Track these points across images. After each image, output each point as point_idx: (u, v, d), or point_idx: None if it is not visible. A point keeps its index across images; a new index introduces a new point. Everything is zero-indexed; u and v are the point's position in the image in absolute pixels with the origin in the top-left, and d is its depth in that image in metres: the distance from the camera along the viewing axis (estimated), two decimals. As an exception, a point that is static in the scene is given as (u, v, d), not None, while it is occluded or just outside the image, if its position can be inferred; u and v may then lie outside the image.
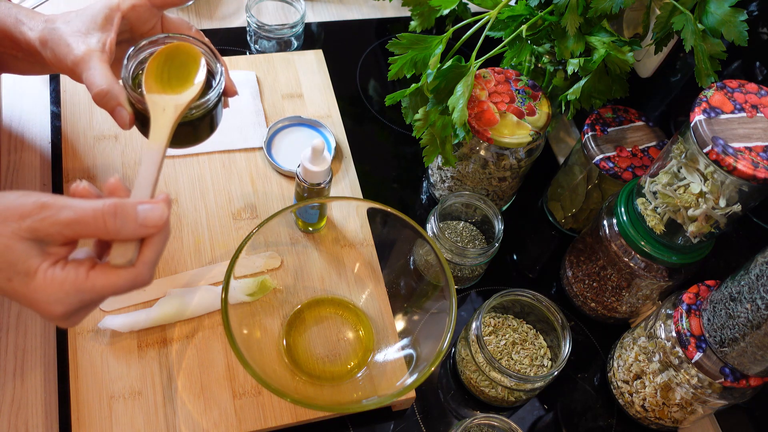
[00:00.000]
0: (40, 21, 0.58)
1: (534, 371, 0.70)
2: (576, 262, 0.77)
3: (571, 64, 0.68)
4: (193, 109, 0.55)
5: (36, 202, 0.43)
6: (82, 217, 0.43)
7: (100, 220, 0.43)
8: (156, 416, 0.62)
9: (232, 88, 0.60)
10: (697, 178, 0.58)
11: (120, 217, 0.43)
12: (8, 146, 0.78)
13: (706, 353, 0.59)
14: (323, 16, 1.03)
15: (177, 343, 0.66)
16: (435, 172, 0.83)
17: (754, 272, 0.54)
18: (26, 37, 0.58)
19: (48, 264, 0.43)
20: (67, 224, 0.43)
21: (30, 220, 0.42)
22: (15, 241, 0.42)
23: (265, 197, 0.77)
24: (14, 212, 0.42)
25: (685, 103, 0.76)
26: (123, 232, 0.44)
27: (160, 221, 0.45)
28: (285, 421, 0.63)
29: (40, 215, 0.42)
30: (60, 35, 0.56)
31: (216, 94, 0.56)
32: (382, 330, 0.70)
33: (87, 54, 0.55)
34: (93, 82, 0.54)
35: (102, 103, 0.54)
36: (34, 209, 0.42)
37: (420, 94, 0.73)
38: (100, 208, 0.43)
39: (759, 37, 0.66)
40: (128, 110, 0.54)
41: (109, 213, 0.43)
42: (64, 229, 0.43)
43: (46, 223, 0.42)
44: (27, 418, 0.62)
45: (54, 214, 0.42)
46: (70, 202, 0.43)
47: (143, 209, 0.44)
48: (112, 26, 0.56)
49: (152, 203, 0.45)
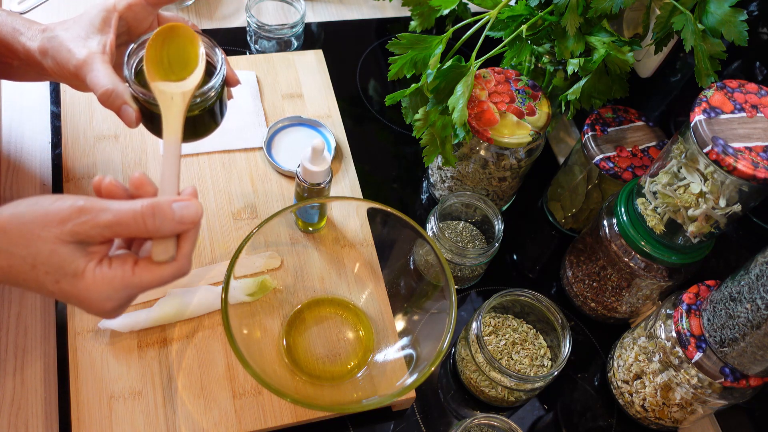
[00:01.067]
0: (37, 31, 0.59)
1: (534, 371, 0.70)
2: (576, 262, 0.77)
3: (571, 64, 0.68)
4: (197, 97, 0.54)
5: (73, 206, 0.44)
6: (122, 218, 0.44)
7: (140, 220, 0.45)
8: (156, 416, 0.62)
9: (234, 76, 0.61)
10: (697, 178, 0.58)
11: (159, 217, 0.45)
12: (8, 146, 0.78)
13: (706, 353, 0.59)
14: (323, 16, 1.03)
15: (177, 343, 0.66)
16: (435, 172, 0.83)
17: (754, 272, 0.54)
18: (25, 46, 0.59)
19: (94, 263, 0.45)
20: (108, 226, 0.44)
21: (71, 224, 0.44)
22: (59, 245, 0.44)
23: (265, 197, 0.77)
24: (53, 217, 0.44)
25: (685, 103, 0.76)
26: (162, 231, 0.46)
27: (197, 217, 0.47)
28: (285, 421, 0.63)
29: (81, 219, 0.44)
30: (60, 42, 0.56)
31: (219, 80, 0.56)
32: (382, 330, 0.70)
33: (89, 57, 0.55)
34: (97, 83, 0.54)
35: (108, 103, 0.55)
36: (73, 213, 0.44)
37: (420, 94, 0.73)
38: (139, 209, 0.45)
39: (759, 37, 0.66)
40: (134, 107, 0.55)
41: (148, 214, 0.45)
42: (104, 231, 0.45)
43: (87, 226, 0.44)
44: (27, 418, 0.62)
45: (94, 217, 0.44)
46: (107, 204, 0.45)
47: (179, 207, 0.46)
48: (110, 28, 0.57)
49: (186, 200, 0.46)
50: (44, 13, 0.92)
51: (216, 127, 0.60)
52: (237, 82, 0.61)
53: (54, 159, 0.78)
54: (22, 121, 0.81)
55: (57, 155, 0.78)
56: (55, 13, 0.92)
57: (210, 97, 0.56)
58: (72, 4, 0.94)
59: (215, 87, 0.56)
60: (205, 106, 0.56)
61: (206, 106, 0.56)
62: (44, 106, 0.82)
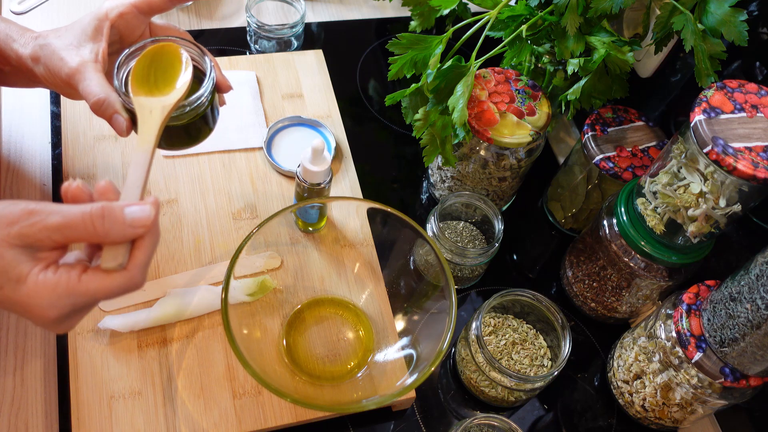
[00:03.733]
0: (30, 38, 0.59)
1: (534, 371, 0.70)
2: (576, 262, 0.77)
3: (571, 64, 0.68)
4: (186, 106, 0.55)
5: (24, 209, 0.43)
6: (70, 221, 0.43)
7: (89, 223, 0.43)
8: (156, 416, 0.62)
9: (225, 82, 0.61)
10: (697, 178, 0.58)
11: (108, 219, 0.43)
12: (8, 146, 0.78)
13: (706, 353, 0.59)
14: (323, 16, 1.03)
15: (177, 343, 0.66)
16: (435, 172, 0.83)
17: (754, 272, 0.54)
18: (17, 53, 0.59)
19: (39, 269, 0.43)
20: (56, 228, 0.43)
21: (18, 226, 0.42)
22: (4, 248, 0.42)
23: (265, 197, 0.77)
24: (3, 220, 0.43)
25: (685, 103, 0.76)
26: (112, 234, 0.44)
27: (148, 221, 0.45)
28: (285, 421, 0.63)
29: (29, 221, 0.42)
30: (53, 50, 0.56)
31: (207, 90, 0.56)
32: (382, 330, 0.70)
33: (81, 65, 0.55)
34: (90, 91, 0.54)
35: (100, 111, 0.55)
36: (22, 215, 0.43)
37: (420, 94, 0.73)
38: (88, 211, 0.43)
39: (759, 37, 0.66)
40: (125, 116, 0.55)
41: (97, 215, 0.43)
42: (53, 234, 0.43)
43: (35, 228, 0.43)
44: (27, 418, 0.62)
45: (42, 219, 0.43)
46: (58, 207, 0.43)
47: (130, 210, 0.44)
48: (102, 36, 0.57)
49: (139, 204, 0.45)
50: (44, 13, 0.92)
51: (209, 133, 0.61)
52: (229, 88, 0.61)
53: (54, 159, 0.78)
54: (22, 121, 0.81)
55: (57, 155, 0.78)
56: (55, 13, 0.92)
57: (200, 104, 0.56)
58: (72, 5, 0.94)
59: (204, 95, 0.56)
60: (196, 113, 0.57)
61: (197, 113, 0.57)
62: (44, 106, 0.82)
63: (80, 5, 0.94)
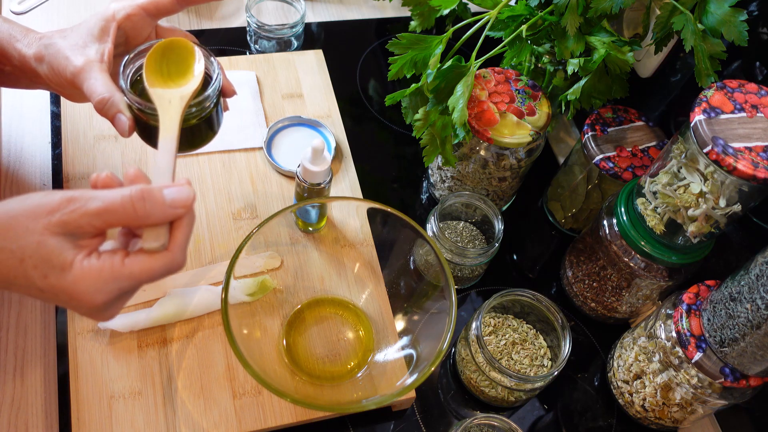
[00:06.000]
0: (34, 38, 0.59)
1: (534, 371, 0.70)
2: (576, 262, 0.77)
3: (571, 64, 0.68)
4: (193, 107, 0.55)
5: (63, 197, 0.43)
6: (111, 205, 0.43)
7: (129, 205, 0.43)
8: (156, 416, 0.62)
9: (230, 87, 0.61)
10: (697, 178, 0.58)
11: (149, 201, 0.44)
12: (8, 146, 0.78)
13: (706, 353, 0.59)
14: (323, 16, 1.03)
15: (177, 343, 0.66)
16: (435, 172, 0.83)
17: (754, 272, 0.54)
18: (21, 53, 0.59)
19: (83, 255, 0.44)
20: (97, 214, 0.43)
21: (59, 214, 0.43)
22: (47, 236, 0.43)
23: (265, 197, 0.77)
24: (43, 209, 0.43)
25: (685, 103, 0.76)
26: (153, 216, 0.44)
27: (188, 200, 0.45)
28: (285, 421, 0.63)
29: (69, 207, 0.43)
30: (58, 49, 0.57)
31: (214, 90, 0.56)
32: (382, 330, 0.70)
33: (86, 64, 0.55)
34: (94, 90, 0.54)
35: (103, 111, 0.55)
36: (62, 203, 0.43)
37: (420, 94, 0.73)
38: (128, 194, 0.44)
39: (759, 37, 0.66)
40: (128, 116, 0.55)
41: (138, 198, 0.44)
42: (94, 220, 0.43)
43: (76, 214, 0.43)
44: (27, 418, 0.62)
45: (83, 205, 0.43)
46: (97, 193, 0.44)
47: (169, 192, 0.45)
48: (108, 37, 0.57)
49: (176, 186, 0.46)
50: (44, 13, 0.92)
51: (213, 137, 0.61)
52: (233, 92, 0.61)
53: (54, 159, 0.78)
54: (22, 121, 0.81)
55: (57, 155, 0.78)
56: (55, 13, 0.92)
57: (206, 107, 0.57)
58: (72, 5, 0.94)
59: (211, 96, 0.56)
60: (201, 115, 0.57)
61: (202, 115, 0.57)
62: (44, 106, 0.82)
63: (80, 5, 0.94)
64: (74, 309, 0.46)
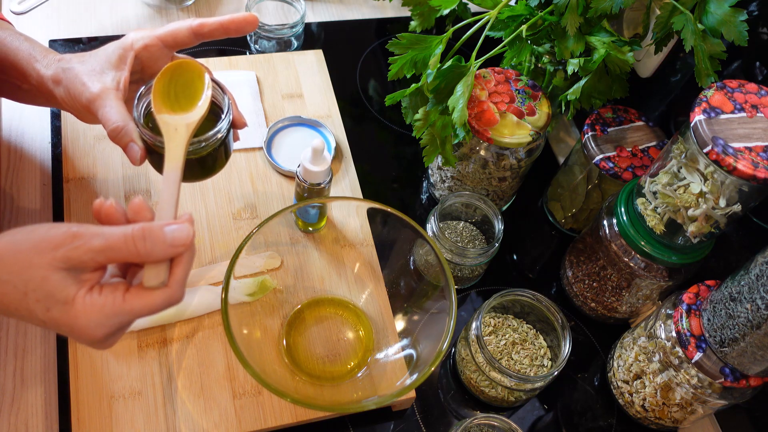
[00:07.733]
0: (53, 60, 0.60)
1: (534, 371, 0.70)
2: (576, 262, 0.77)
3: (571, 64, 0.68)
4: (203, 142, 0.56)
5: (67, 232, 0.44)
6: (113, 243, 0.44)
7: (131, 244, 0.45)
8: (156, 416, 0.62)
9: (241, 119, 0.62)
10: (697, 178, 0.58)
11: (149, 240, 0.45)
12: (8, 146, 0.78)
13: (706, 353, 0.59)
14: (323, 16, 1.03)
15: (177, 343, 0.66)
16: (435, 172, 0.83)
17: (754, 272, 0.54)
18: (39, 73, 0.59)
19: (85, 291, 0.45)
20: (100, 251, 0.44)
21: (64, 249, 0.44)
22: (51, 271, 0.44)
23: (265, 197, 0.77)
24: (48, 244, 0.44)
25: (685, 103, 0.76)
26: (154, 254, 0.45)
27: (188, 240, 0.46)
28: (285, 421, 0.63)
29: (73, 244, 0.44)
30: (75, 74, 0.57)
31: (225, 124, 0.57)
32: (382, 330, 0.70)
33: (102, 92, 0.56)
34: (109, 118, 0.55)
35: (117, 139, 0.56)
36: (66, 239, 0.44)
37: (420, 94, 0.73)
38: (130, 233, 0.45)
39: (759, 37, 0.66)
40: (140, 146, 0.56)
41: (139, 237, 0.45)
42: (97, 256, 0.44)
43: (80, 251, 0.44)
44: (27, 418, 0.62)
45: (86, 242, 0.44)
46: (100, 230, 0.45)
47: (170, 230, 0.46)
48: (125, 65, 0.58)
49: (178, 223, 0.46)
50: (44, 13, 0.92)
51: (223, 166, 0.62)
52: (244, 125, 0.62)
53: (54, 159, 0.78)
54: (22, 121, 0.81)
55: (57, 155, 0.78)
56: (55, 13, 0.92)
57: (217, 140, 0.57)
58: (72, 5, 0.94)
59: (221, 131, 0.57)
60: (212, 149, 0.58)
61: (213, 148, 0.58)
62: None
63: (80, 5, 0.94)
64: (75, 339, 0.47)
